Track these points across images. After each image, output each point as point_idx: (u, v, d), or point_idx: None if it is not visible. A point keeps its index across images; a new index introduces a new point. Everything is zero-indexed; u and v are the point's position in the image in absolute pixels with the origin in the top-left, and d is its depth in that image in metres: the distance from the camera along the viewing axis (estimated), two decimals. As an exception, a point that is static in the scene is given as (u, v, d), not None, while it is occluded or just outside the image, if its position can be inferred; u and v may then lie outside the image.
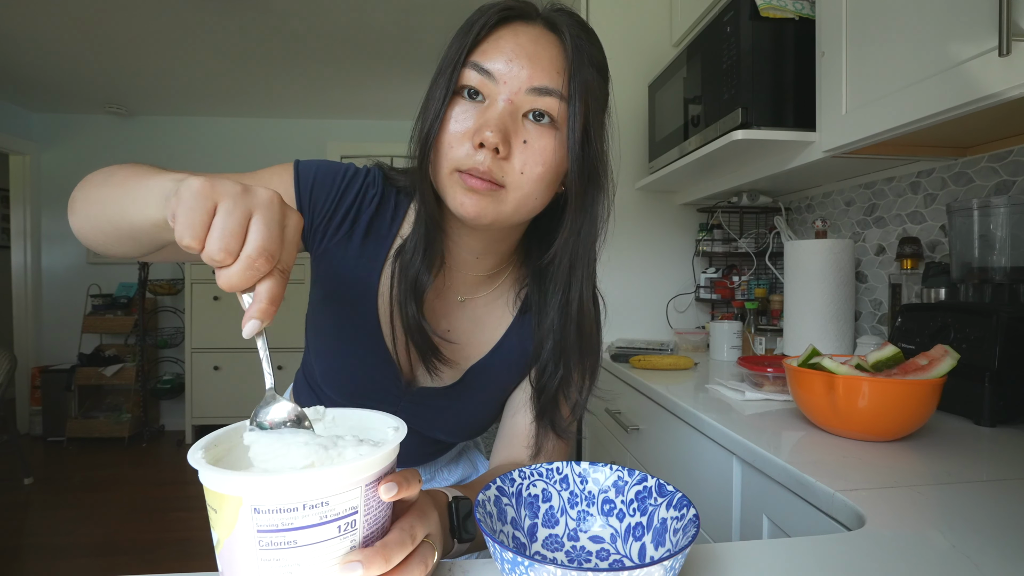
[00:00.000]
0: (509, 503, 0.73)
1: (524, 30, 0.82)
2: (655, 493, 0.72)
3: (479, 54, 0.81)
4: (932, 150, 1.73)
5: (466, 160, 0.80)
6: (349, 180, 0.95)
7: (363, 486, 0.54)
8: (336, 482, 0.52)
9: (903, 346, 1.53)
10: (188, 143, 6.03)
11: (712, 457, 1.44)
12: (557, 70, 0.81)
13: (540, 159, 0.81)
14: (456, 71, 0.81)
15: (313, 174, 0.92)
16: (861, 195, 2.17)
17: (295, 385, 1.26)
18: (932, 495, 0.91)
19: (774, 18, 1.84)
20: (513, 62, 0.80)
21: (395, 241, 0.97)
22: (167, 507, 4.08)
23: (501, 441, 1.08)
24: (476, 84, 0.81)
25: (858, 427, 1.19)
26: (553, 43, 0.83)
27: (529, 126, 0.81)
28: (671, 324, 2.88)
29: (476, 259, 0.98)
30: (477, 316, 1.04)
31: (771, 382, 1.63)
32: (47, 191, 5.90)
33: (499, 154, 0.79)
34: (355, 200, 0.95)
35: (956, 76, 1.23)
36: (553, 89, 0.81)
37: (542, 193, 0.85)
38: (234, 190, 0.55)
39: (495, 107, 0.80)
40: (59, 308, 5.91)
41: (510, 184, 0.81)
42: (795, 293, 1.97)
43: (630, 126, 2.84)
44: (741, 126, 1.84)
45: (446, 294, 1.01)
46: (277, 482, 0.49)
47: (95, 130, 5.95)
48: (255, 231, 0.54)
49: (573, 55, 0.82)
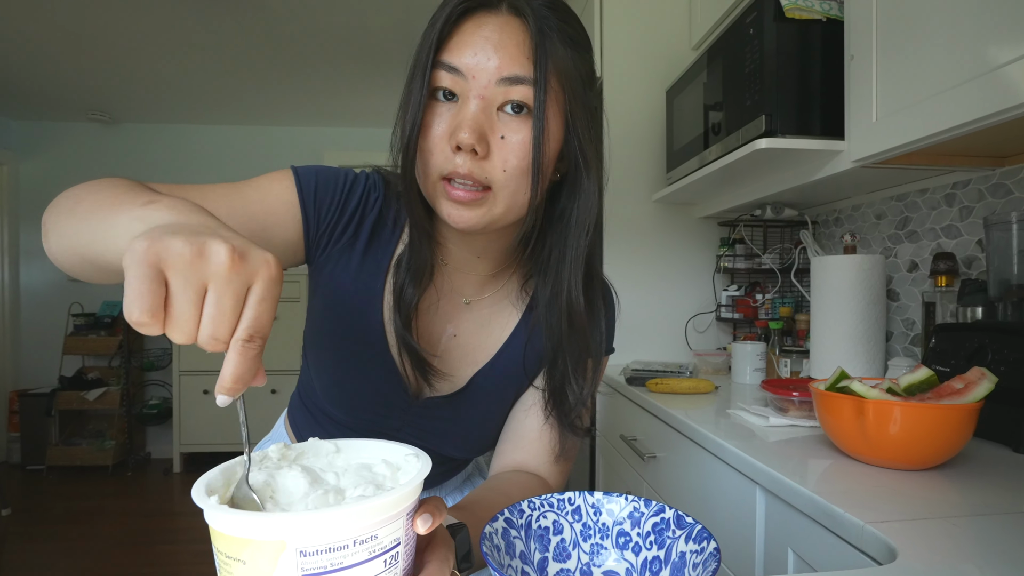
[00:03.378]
0: (518, 535, 0.73)
1: (488, 19, 0.82)
2: (673, 525, 0.72)
3: (446, 52, 0.82)
4: (968, 160, 1.73)
5: (447, 165, 0.82)
6: (351, 185, 0.96)
7: (405, 516, 0.54)
8: (384, 513, 0.51)
9: (937, 368, 1.53)
10: (176, 152, 6.07)
11: (734, 487, 1.44)
12: (526, 55, 0.81)
13: (520, 152, 0.82)
14: (427, 73, 0.82)
15: (315, 180, 0.93)
16: (893, 208, 2.17)
17: (289, 409, 1.27)
18: (968, 527, 0.91)
19: (800, 19, 1.85)
20: (479, 55, 0.80)
21: (398, 247, 0.99)
22: (153, 540, 4.08)
23: (506, 444, 1.09)
24: (448, 84, 0.82)
25: (889, 455, 1.19)
26: (519, 28, 0.82)
27: (505, 119, 0.82)
28: (690, 345, 2.88)
29: (478, 258, 1.00)
30: (484, 317, 1.05)
31: (797, 407, 1.63)
32: (26, 203, 5.94)
33: (478, 154, 0.80)
34: (358, 206, 0.96)
35: (994, 81, 1.23)
36: (524, 76, 0.81)
37: (530, 186, 0.85)
38: (224, 259, 0.49)
39: (467, 106, 0.81)
40: (39, 328, 5.93)
41: (496, 183, 0.83)
42: (822, 312, 1.97)
43: (647, 134, 2.85)
44: (765, 134, 1.85)
45: (451, 297, 1.03)
46: (327, 519, 0.48)
47: (78, 138, 6.00)
48: (253, 312, 0.50)
49: (536, 37, 0.82)
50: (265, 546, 0.47)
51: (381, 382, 1.01)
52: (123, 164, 5.99)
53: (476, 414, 1.08)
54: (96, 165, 5.96)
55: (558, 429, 1.03)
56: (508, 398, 1.08)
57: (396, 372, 1.00)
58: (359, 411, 1.04)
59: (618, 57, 2.84)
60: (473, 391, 1.05)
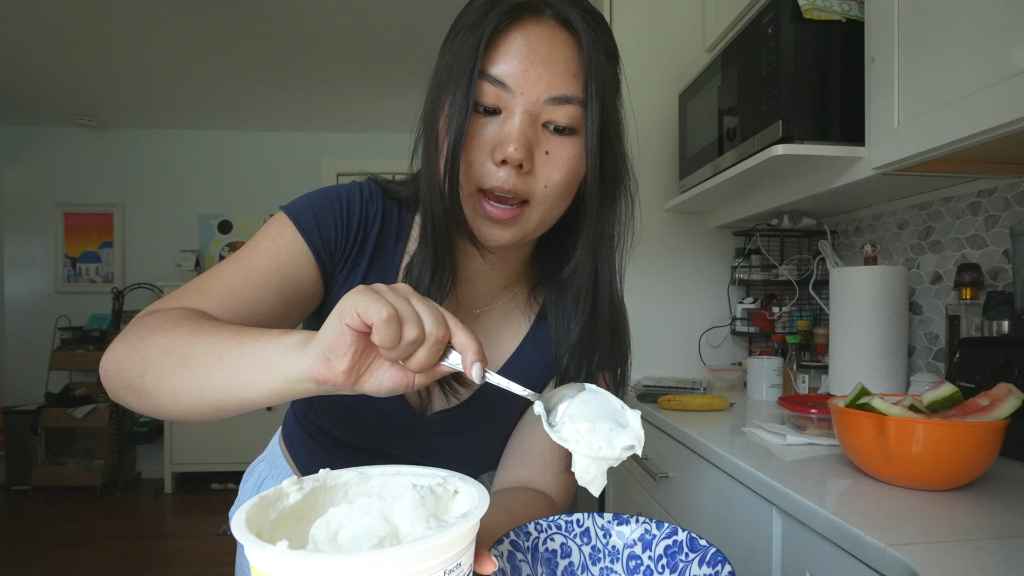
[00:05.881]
0: (524, 559, 0.73)
1: (534, 29, 0.83)
2: (686, 548, 0.72)
3: (491, 62, 0.82)
4: (994, 167, 1.72)
5: (488, 179, 0.83)
6: (348, 203, 0.97)
7: (471, 541, 0.55)
8: (467, 538, 0.53)
9: (962, 385, 1.53)
10: (167, 159, 6.11)
11: (750, 508, 1.44)
12: (573, 73, 0.83)
13: (564, 169, 0.84)
14: (474, 82, 0.81)
15: (312, 215, 0.94)
16: (915, 217, 2.18)
17: (284, 429, 1.27)
18: (994, 550, 0.91)
19: (818, 20, 1.84)
20: (529, 71, 0.81)
21: (403, 259, 1.00)
22: (144, 563, 4.08)
23: (510, 459, 1.10)
24: (492, 100, 0.83)
25: (912, 475, 1.19)
26: (567, 43, 0.84)
27: (550, 136, 0.84)
28: (704, 360, 2.88)
29: (492, 269, 1.01)
30: (493, 329, 1.06)
31: (815, 424, 1.63)
32: (10, 211, 5.97)
33: (522, 169, 0.82)
34: (360, 222, 0.97)
35: (1022, 85, 1.23)
36: (572, 96, 0.83)
37: (565, 202, 0.88)
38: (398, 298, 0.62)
39: (513, 120, 0.82)
40: (24, 342, 5.95)
41: (535, 198, 0.85)
42: (842, 326, 1.97)
43: (658, 140, 2.85)
44: (782, 140, 1.85)
45: (460, 308, 1.04)
46: (428, 550, 0.48)
47: (63, 144, 6.03)
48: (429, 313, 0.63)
49: (591, 54, 0.83)
50: None
51: (386, 400, 1.01)
52: (110, 171, 6.04)
53: (482, 428, 1.08)
54: (82, 171, 6.01)
55: None
56: (515, 411, 1.09)
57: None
58: (361, 430, 1.05)
59: (629, 59, 2.79)
60: (480, 403, 1.06)
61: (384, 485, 0.65)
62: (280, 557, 0.45)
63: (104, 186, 6.05)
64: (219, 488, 5.57)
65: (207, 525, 4.74)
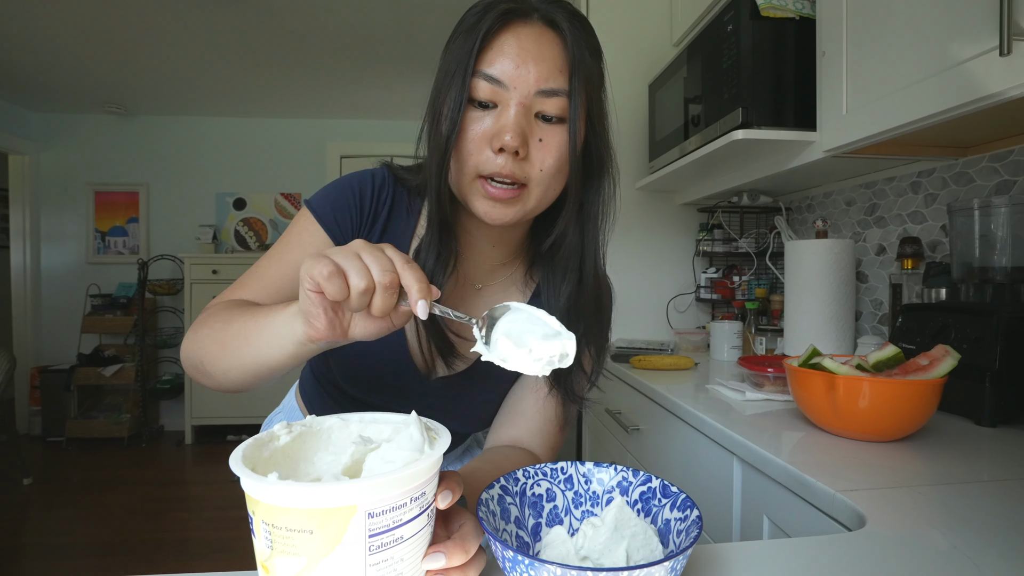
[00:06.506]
0: (513, 502, 0.73)
1: (525, 30, 0.84)
2: (659, 494, 0.72)
3: (486, 62, 0.83)
4: (933, 150, 1.73)
5: (487, 165, 0.83)
6: (359, 189, 0.98)
7: (435, 474, 0.57)
8: (430, 471, 0.54)
9: (904, 346, 1.53)
10: (187, 143, 6.04)
11: (712, 457, 1.45)
12: (559, 68, 0.84)
13: (555, 154, 0.85)
14: (467, 80, 0.83)
15: (329, 205, 0.96)
16: (862, 195, 2.17)
17: (300, 383, 1.28)
18: (933, 495, 0.91)
19: (775, 18, 1.84)
20: (520, 67, 0.82)
21: (412, 242, 1.00)
22: (166, 508, 4.08)
23: (502, 419, 1.10)
24: (487, 95, 0.83)
25: (859, 427, 1.19)
26: (553, 41, 0.84)
27: (541, 124, 0.85)
28: (671, 324, 2.88)
29: (493, 247, 1.02)
30: (494, 302, 1.06)
31: (771, 382, 1.63)
32: (46, 191, 5.91)
33: (519, 155, 0.83)
34: (372, 206, 0.98)
35: (957, 76, 1.23)
36: (559, 89, 0.83)
37: (559, 183, 0.89)
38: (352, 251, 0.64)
39: (508, 112, 0.82)
40: (58, 308, 5.91)
41: (532, 181, 0.86)
42: (796, 293, 1.97)
43: (630, 126, 2.84)
44: (741, 126, 1.85)
45: (464, 284, 1.04)
46: (393, 479, 0.50)
47: (94, 130, 5.96)
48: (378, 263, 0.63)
49: (574, 50, 0.85)
50: (338, 512, 0.49)
51: (395, 365, 1.03)
52: (137, 154, 5.97)
53: (482, 392, 1.10)
54: (111, 154, 5.94)
55: (561, 400, 1.05)
56: (510, 377, 1.10)
57: (409, 357, 1.02)
58: (373, 391, 1.06)
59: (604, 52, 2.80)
60: (482, 370, 1.06)
61: (363, 430, 0.68)
62: (269, 487, 0.49)
63: (130, 167, 5.98)
64: (235, 439, 5.55)
65: (223, 473, 4.74)
